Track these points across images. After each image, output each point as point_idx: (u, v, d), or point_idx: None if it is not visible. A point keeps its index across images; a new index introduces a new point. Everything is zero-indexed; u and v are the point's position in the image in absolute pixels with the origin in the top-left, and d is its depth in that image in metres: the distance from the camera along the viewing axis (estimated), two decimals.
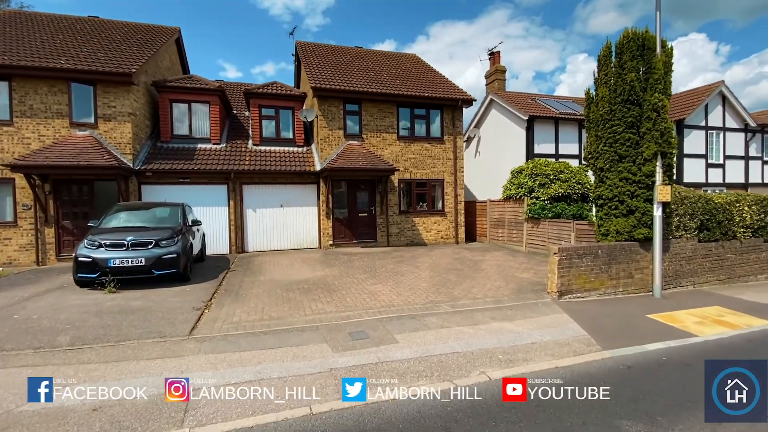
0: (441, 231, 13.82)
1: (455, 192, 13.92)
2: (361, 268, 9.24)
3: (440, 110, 13.78)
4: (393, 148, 13.20)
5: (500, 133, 16.77)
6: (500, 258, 10.91)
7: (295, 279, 8.15)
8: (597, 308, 6.67)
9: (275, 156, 12.67)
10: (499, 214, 13.64)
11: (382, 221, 13.08)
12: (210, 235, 11.74)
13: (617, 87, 7.90)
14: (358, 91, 12.47)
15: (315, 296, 6.74)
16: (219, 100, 12.74)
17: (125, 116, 10.69)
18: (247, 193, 12.16)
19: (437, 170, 13.76)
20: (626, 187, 7.79)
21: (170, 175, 11.28)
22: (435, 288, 7.43)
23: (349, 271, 8.88)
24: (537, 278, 8.32)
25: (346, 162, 11.66)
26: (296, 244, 12.63)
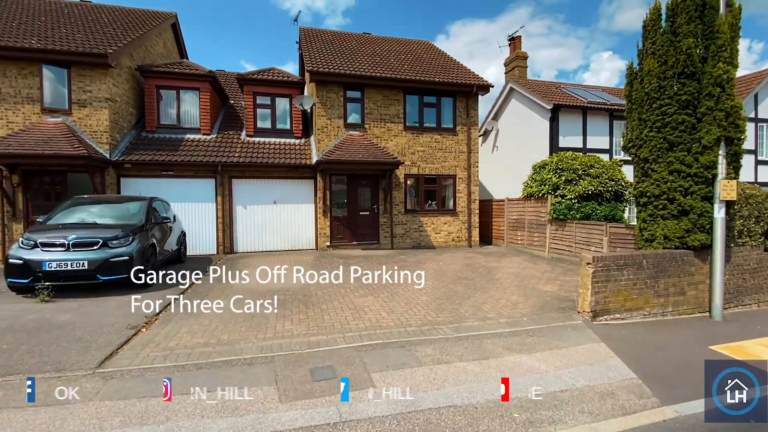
0: (452, 233, 12.41)
1: (468, 189, 12.48)
2: (353, 275, 7.95)
3: (453, 98, 12.36)
4: (399, 140, 11.87)
5: (521, 125, 15.20)
6: (519, 265, 9.44)
7: (274, 287, 6.95)
8: (642, 335, 5.19)
9: (270, 148, 11.55)
10: (519, 214, 12.13)
11: (386, 221, 11.78)
12: (195, 234, 10.71)
13: (669, 57, 6.37)
14: (361, 76, 11.20)
15: (287, 311, 5.52)
16: (210, 87, 11.71)
17: (102, 102, 9.75)
18: (237, 188, 11.08)
19: (449, 165, 12.35)
20: (678, 182, 6.27)
21: (152, 168, 10.29)
22: (437, 303, 6.09)
23: (339, 278, 7.61)
24: (563, 292, 6.86)
25: (345, 154, 10.41)
26: (291, 245, 11.48)
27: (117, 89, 10.26)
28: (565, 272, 8.61)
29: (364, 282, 7.31)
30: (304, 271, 8.31)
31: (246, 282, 7.32)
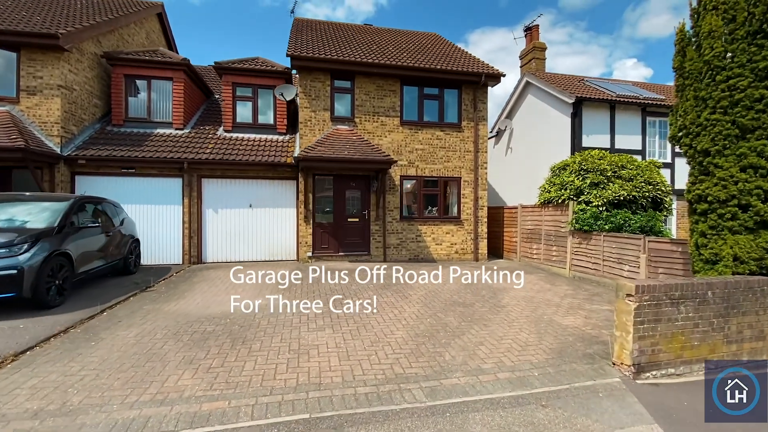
0: (455, 244, 10.73)
1: (475, 194, 10.81)
2: (324, 297, 6.42)
3: (458, 89, 10.78)
4: (394, 136, 10.34)
5: (538, 124, 13.45)
6: (532, 286, 7.70)
7: (212, 312, 5.47)
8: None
9: (248, 145, 10.21)
10: (534, 223, 10.37)
11: (378, 229, 10.22)
12: (158, 241, 9.41)
13: (738, 12, 4.70)
14: (351, 62, 9.77)
15: (202, 352, 4.00)
16: (185, 77, 10.50)
17: (53, 90, 8.61)
18: (207, 190, 9.75)
19: (452, 165, 10.73)
20: (754, 181, 4.59)
21: (110, 164, 9.07)
22: (416, 343, 4.46)
23: (304, 301, 6.09)
24: (590, 328, 5.12)
25: (328, 150, 8.94)
26: (268, 255, 10.04)
27: (76, 77, 9.13)
28: (591, 297, 6.82)
29: (331, 308, 5.75)
30: (266, 288, 6.84)
31: (184, 304, 5.89)
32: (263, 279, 7.58)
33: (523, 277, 8.52)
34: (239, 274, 8.00)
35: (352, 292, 6.72)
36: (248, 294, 6.48)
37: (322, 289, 6.92)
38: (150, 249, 9.39)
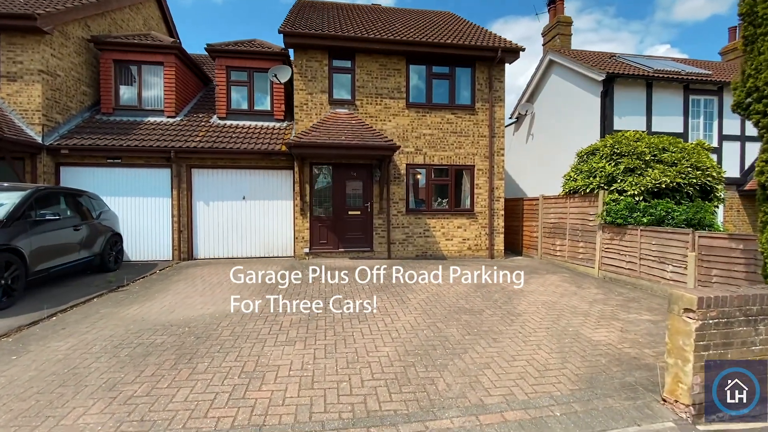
0: (468, 239, 9.70)
1: (490, 184, 9.72)
2: (308, 301, 5.60)
3: (471, 67, 9.68)
4: (400, 120, 9.37)
5: (562, 106, 12.16)
6: (555, 289, 6.62)
7: (174, 318, 4.73)
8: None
9: (241, 132, 9.48)
10: (558, 216, 9.21)
11: (382, 223, 9.31)
12: (146, 235, 8.84)
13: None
14: (351, 38, 8.83)
15: (133, 373, 3.23)
16: (177, 62, 9.85)
17: (34, 75, 8.09)
18: (197, 181, 9.08)
19: (464, 152, 9.67)
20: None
21: (94, 154, 8.52)
22: (404, 363, 3.56)
23: (282, 306, 5.29)
24: (627, 345, 4.07)
25: (323, 135, 8.08)
26: (263, 251, 9.32)
27: (60, 62, 8.60)
28: (627, 304, 5.71)
29: (314, 311, 4.94)
30: (247, 290, 6.08)
31: (149, 307, 5.18)
32: (248, 279, 6.83)
33: (545, 277, 7.44)
34: (224, 273, 7.30)
35: (344, 295, 5.86)
36: (224, 296, 5.73)
37: (309, 291, 6.10)
38: (138, 244, 8.83)
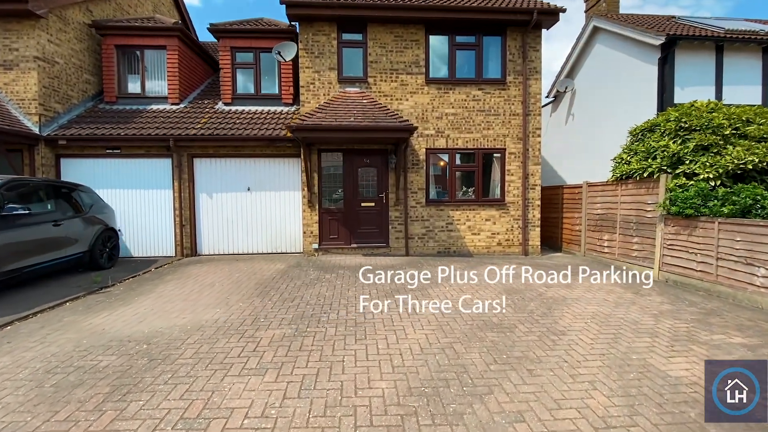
0: (498, 233, 8.51)
1: (524, 170, 8.45)
2: (305, 307, 4.74)
3: (501, 35, 8.38)
4: (418, 98, 8.27)
5: (610, 79, 10.55)
6: (607, 295, 5.38)
7: (138, 331, 4.00)
8: None
9: (246, 118, 8.74)
10: (605, 206, 7.83)
11: (399, 215, 8.31)
12: (147, 230, 8.35)
13: None
14: (362, 5, 7.78)
15: (36, 419, 2.47)
16: (180, 44, 9.22)
17: (30, 62, 7.68)
18: (200, 171, 8.45)
19: (494, 133, 8.44)
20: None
21: (93, 145, 8.05)
22: (403, 409, 2.58)
23: (272, 315, 4.46)
24: None
25: (329, 117, 7.14)
26: (270, 246, 8.58)
27: (57, 48, 8.16)
28: (706, 319, 4.41)
29: (302, 326, 4.07)
30: (238, 294, 5.30)
31: (119, 315, 4.51)
32: (245, 278, 6.08)
33: (591, 280, 6.19)
34: (222, 272, 6.61)
35: (346, 301, 4.95)
36: (209, 301, 4.97)
37: (306, 297, 5.23)
38: (140, 240, 8.35)
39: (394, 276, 6.17)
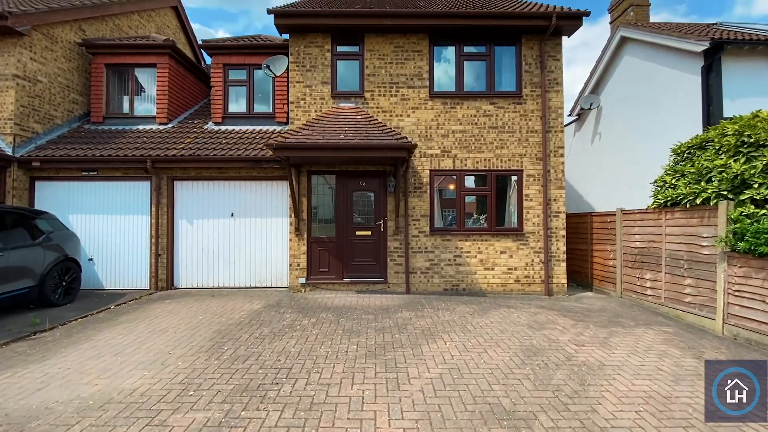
0: (516, 269, 7.27)
1: (545, 194, 7.27)
2: (255, 372, 3.67)
3: (515, 43, 7.44)
4: (421, 114, 7.34)
5: (642, 92, 9.37)
6: (658, 360, 4.05)
7: (20, 408, 3.03)
8: None
9: (233, 137, 8.01)
10: (646, 238, 6.51)
11: (398, 246, 7.23)
12: (121, 259, 7.56)
13: None
14: (358, 13, 7.05)
15: None
16: (170, 62, 8.74)
17: (8, 80, 7.26)
18: (181, 195, 7.69)
19: (508, 153, 7.35)
20: None
21: (68, 166, 7.45)
22: None
23: (208, 383, 3.42)
24: None
25: (316, 134, 6.26)
26: (254, 280, 7.62)
27: (41, 66, 7.77)
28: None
29: (236, 412, 3.01)
30: (182, 348, 4.29)
31: (20, 378, 3.56)
32: (211, 322, 5.09)
33: (634, 332, 4.87)
34: (188, 312, 5.66)
35: (307, 368, 3.85)
36: (145, 357, 3.98)
37: (265, 355, 4.17)
38: (114, 270, 7.56)
39: (386, 324, 5.05)
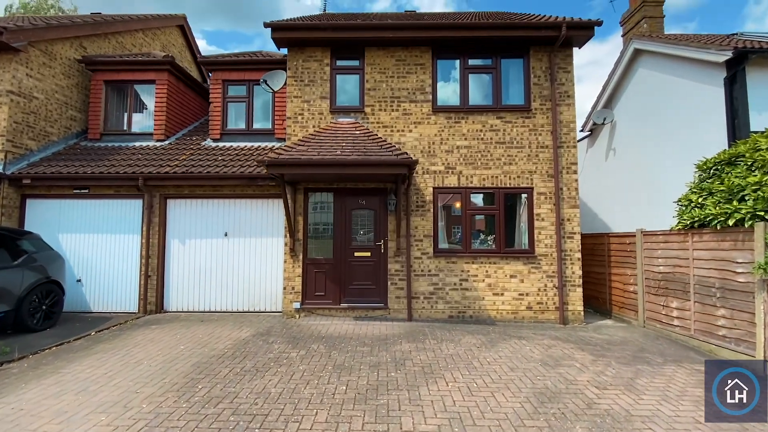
0: (527, 294, 6.71)
1: (558, 213, 6.76)
2: (227, 420, 3.20)
3: (523, 55, 7.09)
4: (424, 129, 6.97)
5: (660, 106, 8.89)
6: (693, 408, 3.44)
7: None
8: None
9: (230, 154, 7.75)
10: (671, 263, 5.93)
11: (400, 268, 6.75)
12: (111, 281, 7.23)
13: None
14: (358, 26, 6.81)
15: None
16: (168, 79, 8.61)
17: (2, 96, 7.14)
18: (173, 214, 7.39)
19: (517, 170, 6.90)
20: None
21: (61, 184, 7.24)
22: None
23: (183, 426, 2.95)
24: None
25: (311, 150, 5.92)
26: (247, 304, 7.19)
27: (38, 83, 7.67)
28: None
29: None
30: (157, 384, 3.84)
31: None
32: (186, 354, 4.65)
33: (663, 371, 4.26)
34: (172, 339, 5.23)
35: (286, 414, 3.36)
36: (103, 399, 3.54)
37: (241, 397, 3.70)
38: (102, 292, 7.23)
39: (382, 359, 4.55)
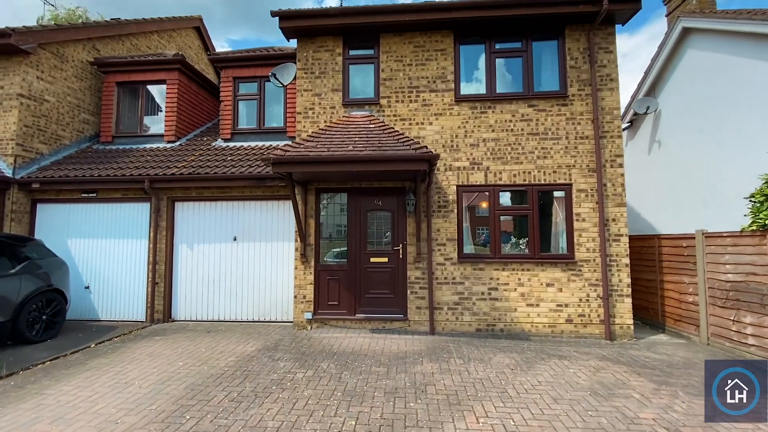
0: (567, 306, 5.90)
1: (601, 214, 5.93)
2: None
3: (557, 36, 6.31)
4: (445, 121, 6.30)
5: (716, 91, 7.85)
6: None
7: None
8: None
9: (240, 154, 7.34)
10: (742, 269, 5.01)
11: (421, 275, 6.10)
12: (117, 288, 6.94)
13: None
14: (373, 10, 6.23)
15: None
16: (179, 78, 8.34)
17: (12, 99, 7.02)
18: (181, 217, 7.03)
19: (553, 164, 6.12)
20: None
21: (69, 188, 7.03)
22: None
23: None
24: None
25: (320, 146, 5.38)
26: (257, 313, 6.73)
27: (49, 86, 7.54)
28: None
29: None
30: (148, 407, 3.36)
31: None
32: (182, 373, 4.19)
33: (745, 406, 3.42)
34: (173, 354, 4.80)
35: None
36: (94, 422, 3.08)
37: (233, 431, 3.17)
38: (110, 299, 6.95)
39: (399, 383, 3.92)
